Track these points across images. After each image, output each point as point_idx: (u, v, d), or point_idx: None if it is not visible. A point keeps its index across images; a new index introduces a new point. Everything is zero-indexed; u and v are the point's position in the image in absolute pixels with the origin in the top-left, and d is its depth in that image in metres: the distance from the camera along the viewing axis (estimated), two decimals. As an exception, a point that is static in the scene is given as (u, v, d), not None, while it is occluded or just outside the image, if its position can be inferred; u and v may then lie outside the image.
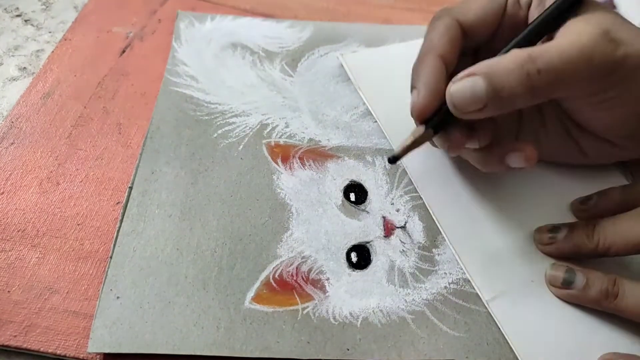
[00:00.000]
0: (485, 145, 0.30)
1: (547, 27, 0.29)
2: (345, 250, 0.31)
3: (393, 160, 0.29)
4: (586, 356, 0.28)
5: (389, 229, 0.32)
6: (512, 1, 0.31)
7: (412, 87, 0.30)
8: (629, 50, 0.27)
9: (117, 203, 0.33)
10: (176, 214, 0.32)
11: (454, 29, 0.31)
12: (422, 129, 0.29)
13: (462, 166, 0.35)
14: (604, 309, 0.28)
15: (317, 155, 0.36)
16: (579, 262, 0.30)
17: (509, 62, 0.26)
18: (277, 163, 0.36)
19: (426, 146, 0.31)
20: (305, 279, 0.30)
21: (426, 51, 0.30)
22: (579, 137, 0.33)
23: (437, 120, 0.29)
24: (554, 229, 0.31)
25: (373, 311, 0.29)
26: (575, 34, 0.27)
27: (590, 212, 0.32)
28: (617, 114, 0.30)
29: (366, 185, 0.35)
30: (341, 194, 0.34)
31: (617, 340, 0.28)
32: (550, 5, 0.29)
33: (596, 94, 0.29)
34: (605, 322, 0.29)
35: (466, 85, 0.27)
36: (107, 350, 0.26)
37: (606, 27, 0.27)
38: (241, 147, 0.36)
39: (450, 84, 0.28)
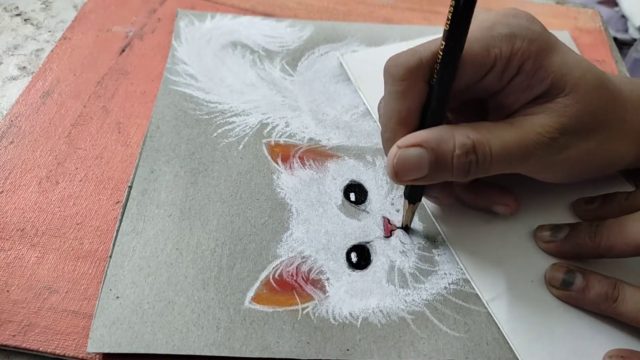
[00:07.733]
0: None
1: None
2: (345, 250, 0.31)
3: (406, 229, 0.33)
4: (586, 356, 0.28)
5: (388, 229, 0.32)
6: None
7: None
8: (572, 154, 0.28)
9: (117, 202, 0.33)
10: (176, 213, 0.32)
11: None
12: (406, 203, 0.31)
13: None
14: (603, 312, 0.28)
15: (317, 154, 0.36)
16: (581, 263, 0.30)
17: (457, 146, 0.26)
18: (277, 162, 0.35)
19: None
20: (305, 279, 0.30)
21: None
22: None
23: (409, 192, 0.31)
24: (556, 228, 0.31)
25: (373, 311, 0.29)
26: (525, 130, 0.27)
27: (594, 214, 0.32)
28: (560, 176, 0.31)
29: (366, 185, 0.35)
30: (341, 194, 0.34)
31: (617, 340, 0.28)
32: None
33: (536, 173, 0.30)
34: (605, 322, 0.29)
35: (412, 154, 0.26)
36: (106, 350, 0.26)
37: (560, 126, 0.27)
38: (241, 146, 0.36)
39: (395, 148, 0.27)
